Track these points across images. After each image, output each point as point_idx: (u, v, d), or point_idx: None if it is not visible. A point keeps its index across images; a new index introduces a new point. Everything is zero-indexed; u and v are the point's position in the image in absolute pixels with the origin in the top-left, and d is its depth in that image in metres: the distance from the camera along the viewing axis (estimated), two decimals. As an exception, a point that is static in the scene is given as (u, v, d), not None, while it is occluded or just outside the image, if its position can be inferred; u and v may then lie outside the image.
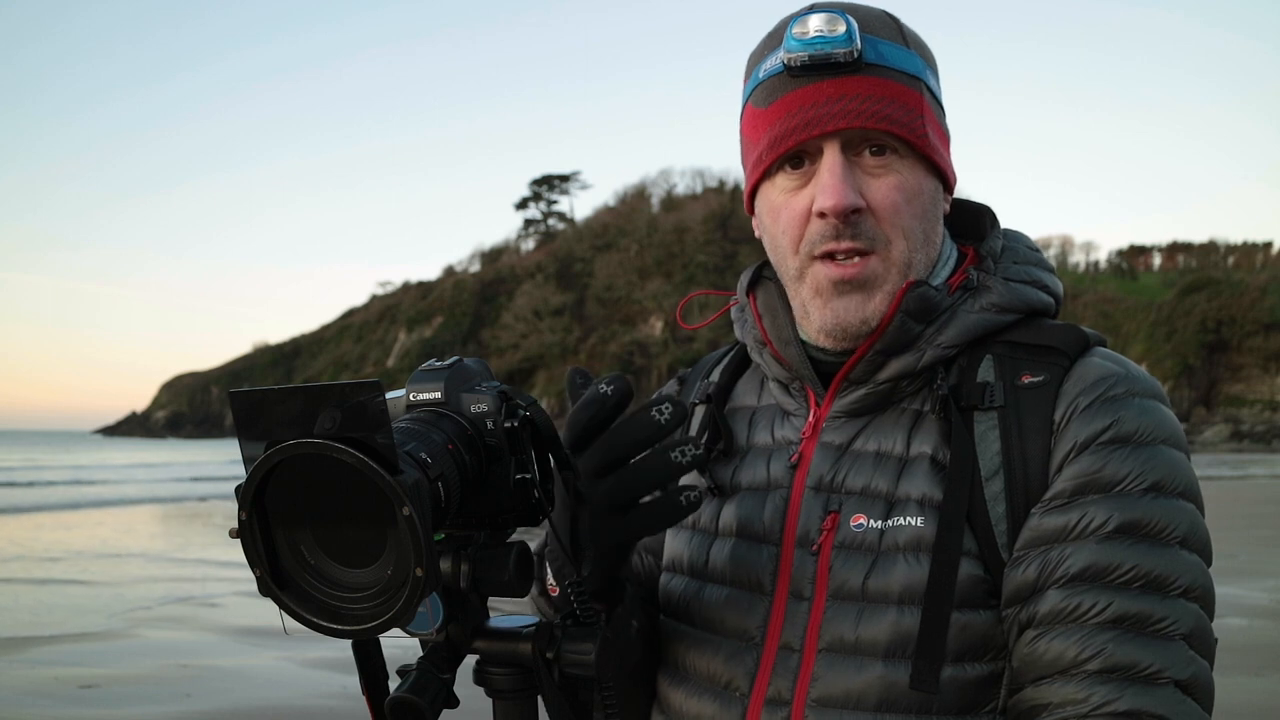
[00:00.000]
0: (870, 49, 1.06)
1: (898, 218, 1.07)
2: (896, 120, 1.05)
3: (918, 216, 1.09)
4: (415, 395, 0.97)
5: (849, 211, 1.05)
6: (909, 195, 1.07)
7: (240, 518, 0.76)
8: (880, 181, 1.07)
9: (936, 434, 1.06)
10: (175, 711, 5.84)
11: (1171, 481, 0.98)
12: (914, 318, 1.08)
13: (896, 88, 1.06)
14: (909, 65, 1.08)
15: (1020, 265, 1.14)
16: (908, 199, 1.07)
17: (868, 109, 1.05)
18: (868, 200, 1.06)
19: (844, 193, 1.04)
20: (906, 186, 1.07)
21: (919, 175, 1.09)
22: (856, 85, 1.05)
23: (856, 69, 1.05)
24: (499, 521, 0.98)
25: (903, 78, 1.07)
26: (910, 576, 1.01)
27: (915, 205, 1.08)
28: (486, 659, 1.00)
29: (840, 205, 1.04)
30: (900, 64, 1.08)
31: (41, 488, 29.05)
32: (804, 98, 1.06)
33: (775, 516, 1.11)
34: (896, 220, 1.07)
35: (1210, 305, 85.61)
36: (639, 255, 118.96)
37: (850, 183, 1.05)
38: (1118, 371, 1.03)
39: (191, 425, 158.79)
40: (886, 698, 1.00)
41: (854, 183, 1.06)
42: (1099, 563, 0.95)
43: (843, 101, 1.05)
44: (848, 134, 1.06)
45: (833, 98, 1.05)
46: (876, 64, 1.06)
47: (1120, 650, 0.93)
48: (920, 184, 1.09)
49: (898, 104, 1.06)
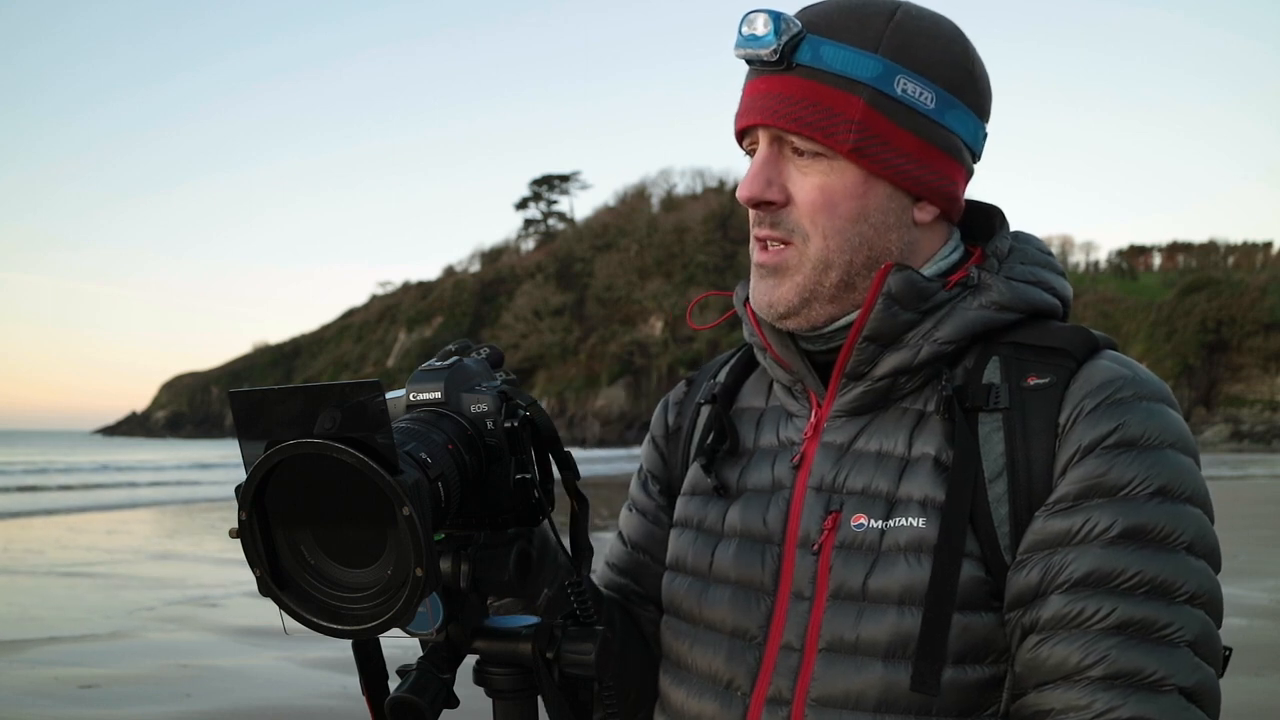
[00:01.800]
0: (807, 50, 1.06)
1: (818, 215, 1.08)
2: (809, 123, 1.05)
3: (849, 219, 1.07)
4: (415, 395, 0.97)
5: (757, 202, 1.09)
6: (833, 198, 1.07)
7: (240, 518, 0.77)
8: (805, 180, 1.08)
9: (940, 435, 1.05)
10: (175, 711, 5.84)
11: (1178, 486, 0.97)
12: (899, 302, 1.07)
13: (823, 90, 1.05)
14: (853, 69, 1.05)
15: (1027, 265, 1.13)
16: (831, 201, 1.07)
17: (782, 109, 1.06)
18: (792, 194, 1.08)
19: (753, 184, 1.09)
20: (831, 189, 1.07)
21: (851, 179, 1.07)
22: (780, 85, 1.07)
23: (786, 69, 1.07)
24: (499, 521, 0.98)
25: (836, 81, 1.05)
26: (911, 577, 1.01)
27: (845, 208, 1.07)
28: (486, 659, 1.00)
29: (747, 195, 1.09)
30: (839, 68, 1.05)
31: (42, 491, 29.05)
32: (748, 90, 1.12)
33: (778, 517, 1.11)
34: (816, 218, 1.08)
35: (1210, 305, 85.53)
36: (639, 255, 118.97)
37: (765, 175, 1.08)
38: (1125, 375, 1.02)
39: (191, 425, 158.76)
40: (886, 698, 1.00)
41: (772, 175, 1.09)
42: (1103, 568, 0.95)
43: (766, 99, 1.08)
44: (772, 129, 1.08)
45: (759, 94, 1.09)
46: (808, 65, 1.06)
47: (1124, 656, 0.92)
48: (852, 188, 1.07)
49: (819, 107, 1.05)
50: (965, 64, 1.11)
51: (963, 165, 1.12)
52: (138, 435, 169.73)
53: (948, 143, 1.09)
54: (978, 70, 1.12)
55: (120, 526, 17.46)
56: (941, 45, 1.09)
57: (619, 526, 1.35)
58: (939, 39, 1.09)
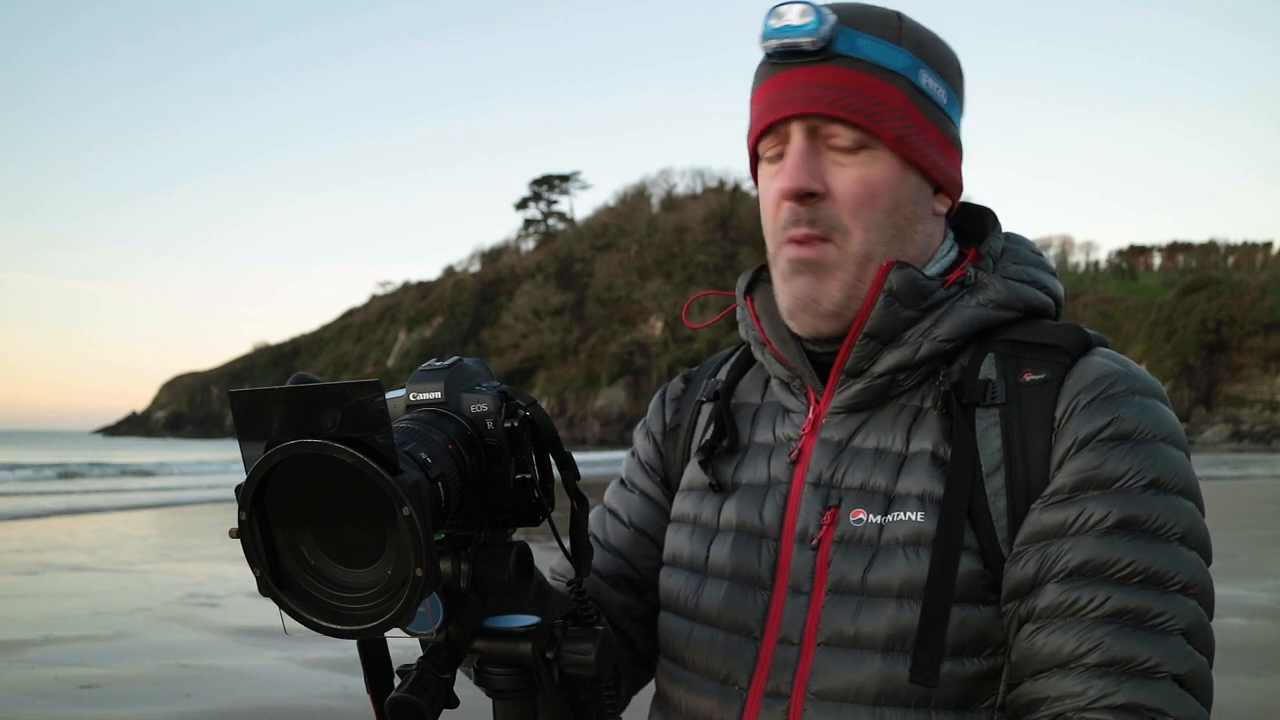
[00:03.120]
0: (845, 40, 1.07)
1: (859, 209, 1.08)
2: (857, 110, 1.06)
3: (885, 210, 1.09)
4: (415, 395, 0.97)
5: (803, 194, 1.07)
6: (874, 188, 1.08)
7: (240, 518, 0.77)
8: (845, 171, 1.08)
9: (937, 430, 1.06)
10: (175, 711, 5.84)
11: (1171, 479, 0.99)
12: (900, 300, 1.08)
13: (865, 79, 1.07)
14: (889, 60, 1.08)
15: (1020, 265, 1.15)
16: (872, 192, 1.08)
17: (828, 96, 1.06)
18: (831, 188, 1.08)
19: (798, 175, 1.07)
20: (872, 179, 1.08)
21: (890, 170, 1.08)
22: (822, 74, 1.07)
23: (826, 58, 1.07)
24: (499, 521, 0.98)
25: (877, 71, 1.07)
26: (910, 571, 1.01)
27: (883, 199, 1.08)
28: (486, 659, 1.00)
29: (793, 187, 1.07)
30: (878, 58, 1.08)
31: (42, 491, 29.06)
32: (776, 84, 1.10)
33: (775, 512, 1.12)
34: (858, 211, 1.08)
35: (1210, 305, 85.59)
36: (639, 255, 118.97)
37: (807, 166, 1.07)
38: (1119, 370, 1.03)
39: (191, 425, 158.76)
40: (885, 691, 1.00)
41: (813, 167, 1.08)
42: (1097, 558, 0.96)
43: (807, 89, 1.07)
44: (814, 120, 1.07)
45: (798, 84, 1.08)
46: (848, 55, 1.07)
47: (1118, 644, 0.93)
48: (891, 179, 1.09)
49: (864, 95, 1.06)
50: (958, 66, 1.16)
51: (962, 158, 1.16)
52: (138, 435, 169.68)
53: (955, 137, 1.14)
54: (963, 75, 1.17)
55: (120, 526, 17.45)
56: (944, 46, 1.15)
57: (609, 504, 1.34)
58: (940, 41, 1.15)
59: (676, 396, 1.34)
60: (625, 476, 1.35)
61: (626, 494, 1.32)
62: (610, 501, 1.34)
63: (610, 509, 1.33)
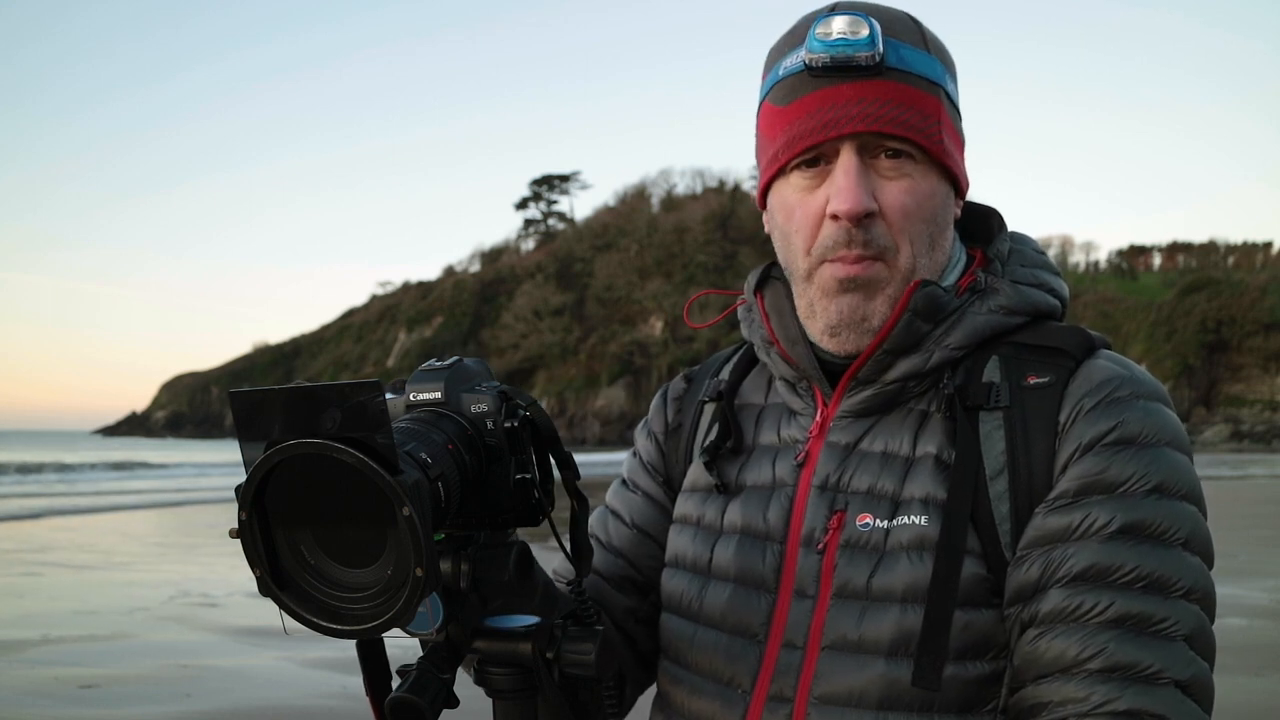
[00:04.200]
0: (892, 53, 1.06)
1: (907, 222, 1.07)
2: (914, 126, 1.06)
3: (926, 221, 1.09)
4: (415, 395, 0.97)
5: (862, 215, 1.06)
6: (920, 200, 1.08)
7: (240, 518, 0.77)
8: (893, 185, 1.07)
9: (941, 434, 1.06)
10: (175, 711, 5.84)
11: (1174, 484, 0.98)
12: (921, 317, 1.08)
13: (916, 93, 1.07)
14: (929, 70, 1.09)
15: (1027, 268, 1.15)
16: (918, 204, 1.08)
17: (886, 113, 1.05)
18: (879, 203, 1.07)
19: (859, 196, 1.05)
20: (918, 191, 1.08)
21: (931, 180, 1.09)
22: (876, 89, 1.05)
23: (878, 73, 1.05)
24: (499, 522, 0.98)
25: (922, 83, 1.08)
26: (914, 575, 1.01)
27: (925, 210, 1.09)
28: (486, 659, 1.00)
29: (855, 209, 1.05)
30: (921, 69, 1.08)
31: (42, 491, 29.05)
32: (824, 99, 1.06)
33: (780, 515, 1.12)
34: (906, 225, 1.07)
35: (1210, 305, 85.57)
36: (639, 255, 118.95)
37: (864, 186, 1.06)
38: (1122, 374, 1.03)
39: (191, 425, 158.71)
40: (888, 695, 1.00)
41: (868, 186, 1.06)
42: (1101, 562, 0.96)
43: (862, 105, 1.05)
44: (864, 137, 1.06)
45: (851, 100, 1.05)
46: (898, 68, 1.06)
47: (1121, 650, 0.93)
48: (932, 189, 1.09)
49: (916, 110, 1.06)
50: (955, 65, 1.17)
51: None
52: (138, 435, 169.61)
53: (964, 139, 1.16)
54: None
55: (120, 526, 17.45)
56: (947, 47, 1.15)
57: (611, 505, 1.33)
58: (942, 42, 1.15)
59: (679, 396, 1.33)
60: (627, 477, 1.34)
61: (628, 494, 1.32)
62: (612, 502, 1.33)
63: (612, 510, 1.32)
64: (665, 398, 1.34)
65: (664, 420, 1.33)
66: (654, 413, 1.35)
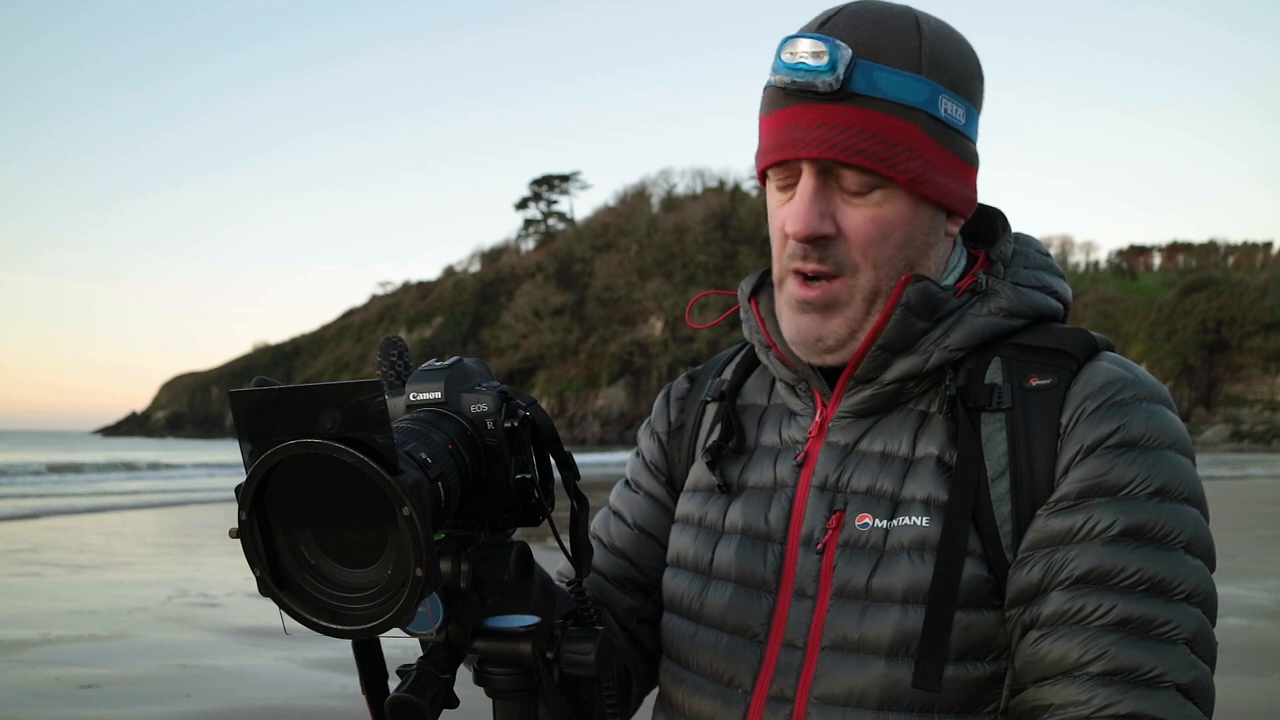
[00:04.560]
0: (861, 78, 1.03)
1: (869, 248, 1.06)
2: (872, 154, 1.03)
3: (896, 246, 1.07)
4: (415, 395, 0.97)
5: (813, 238, 1.06)
6: (886, 228, 1.06)
7: (240, 518, 0.77)
8: (857, 212, 1.06)
9: (943, 435, 1.06)
10: (175, 711, 5.84)
11: (1177, 487, 0.98)
12: (915, 313, 1.07)
13: (881, 119, 1.03)
14: (907, 95, 1.04)
15: (1030, 270, 1.14)
16: (884, 231, 1.06)
17: (842, 141, 1.03)
18: (842, 227, 1.06)
19: (808, 221, 1.05)
20: (884, 219, 1.06)
21: (903, 207, 1.06)
22: (837, 115, 1.03)
23: (841, 98, 1.03)
24: (499, 522, 0.98)
25: (894, 109, 1.03)
26: (914, 576, 1.01)
27: (895, 237, 1.07)
28: (486, 659, 1.00)
29: (802, 233, 1.06)
30: (895, 94, 1.03)
31: (42, 491, 29.05)
32: (788, 118, 1.06)
33: (780, 516, 1.12)
34: (868, 250, 1.06)
35: (1210, 305, 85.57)
36: (639, 255, 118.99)
37: (817, 210, 1.05)
38: (1125, 376, 1.03)
39: (191, 425, 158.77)
40: (889, 696, 1.00)
41: (824, 209, 1.06)
42: (1103, 565, 0.96)
43: (820, 130, 1.03)
44: (823, 162, 1.05)
45: (811, 124, 1.04)
46: (864, 94, 1.03)
47: (1123, 653, 0.93)
48: (903, 216, 1.07)
49: (878, 137, 1.03)
50: (979, 74, 1.12)
51: (977, 171, 1.14)
52: (138, 435, 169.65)
53: (971, 154, 1.12)
54: (982, 72, 1.14)
55: (120, 526, 17.45)
56: (964, 58, 1.10)
57: (614, 506, 1.33)
58: (961, 51, 1.10)
59: (681, 396, 1.33)
60: (630, 477, 1.34)
61: (630, 495, 1.32)
62: (614, 503, 1.33)
63: (614, 510, 1.32)
64: (668, 398, 1.34)
65: (667, 420, 1.33)
66: (657, 413, 1.35)
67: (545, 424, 0.99)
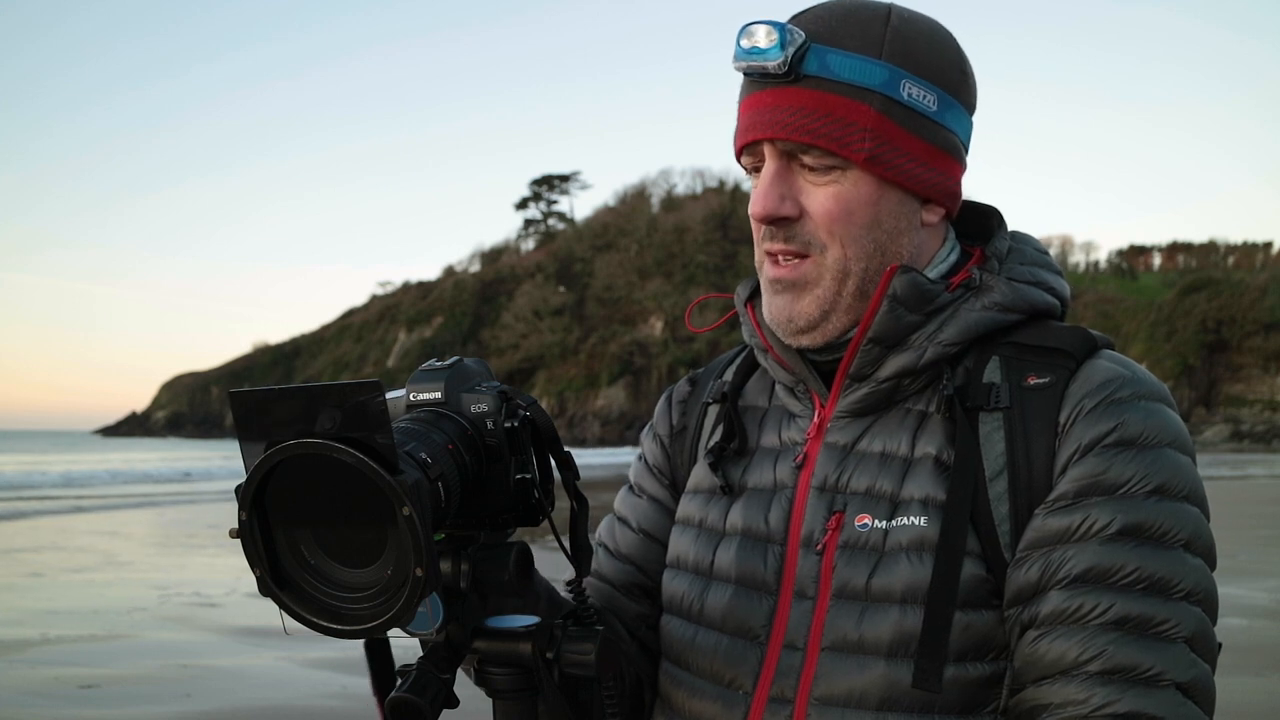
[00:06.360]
0: (814, 60, 1.05)
1: (834, 225, 1.07)
2: (824, 134, 1.04)
3: (864, 227, 1.07)
4: (415, 395, 0.97)
5: (773, 219, 1.07)
6: (849, 207, 1.07)
7: (240, 518, 0.77)
8: (820, 191, 1.07)
9: (941, 434, 1.06)
10: (175, 711, 5.84)
11: (1176, 485, 0.98)
12: (904, 305, 1.07)
13: (834, 100, 1.04)
14: (861, 77, 1.05)
15: (1026, 266, 1.14)
16: (847, 210, 1.07)
17: (794, 122, 1.05)
18: (806, 208, 1.08)
19: (767, 202, 1.07)
20: (846, 197, 1.07)
21: (865, 188, 1.07)
22: (790, 97, 1.05)
23: (793, 80, 1.05)
24: (499, 522, 0.98)
25: (847, 90, 1.05)
26: (913, 576, 1.01)
27: (860, 216, 1.07)
28: (486, 659, 1.00)
29: (762, 212, 1.08)
30: (848, 76, 1.05)
31: (42, 491, 29.05)
32: (751, 103, 1.09)
33: (780, 517, 1.12)
34: (833, 228, 1.07)
35: (1210, 305, 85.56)
36: (639, 255, 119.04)
37: (777, 192, 1.07)
38: (1123, 374, 1.03)
39: (191, 425, 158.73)
40: (889, 697, 1.00)
41: (785, 191, 1.07)
42: (1102, 564, 0.95)
43: (774, 112, 1.06)
44: (784, 143, 1.07)
45: (767, 107, 1.07)
46: (817, 76, 1.05)
47: (1122, 652, 0.93)
48: (867, 196, 1.07)
49: (831, 117, 1.04)
50: (959, 64, 1.12)
51: (961, 163, 1.14)
52: (138, 435, 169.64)
53: (949, 143, 1.11)
54: (968, 68, 1.14)
55: (120, 526, 17.44)
56: (938, 47, 1.10)
57: (618, 512, 1.33)
58: (935, 41, 1.10)
59: (683, 399, 1.33)
60: (633, 482, 1.34)
61: (634, 500, 1.32)
62: (619, 509, 1.33)
63: (619, 516, 1.32)
64: (670, 400, 1.34)
65: (669, 422, 1.33)
66: (659, 415, 1.35)
67: (545, 424, 0.99)
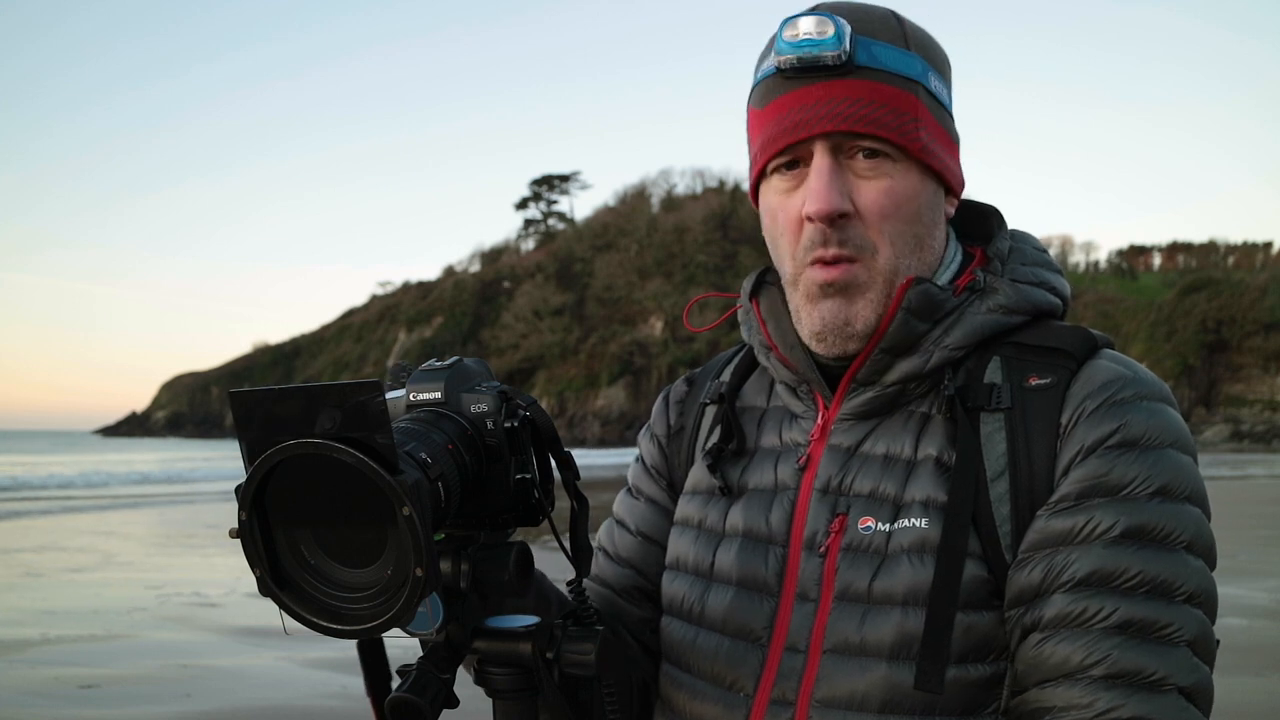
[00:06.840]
0: (863, 51, 1.05)
1: (885, 223, 1.06)
2: (884, 124, 1.04)
3: (908, 221, 1.07)
4: (415, 395, 0.97)
5: (835, 216, 1.05)
6: (899, 200, 1.06)
7: (240, 518, 0.77)
8: (870, 185, 1.06)
9: (942, 435, 1.06)
10: (175, 711, 5.84)
11: (1178, 486, 0.98)
12: (917, 315, 1.07)
13: (889, 90, 1.05)
14: (905, 67, 1.07)
15: (1028, 266, 1.14)
16: (897, 204, 1.06)
17: (855, 112, 1.04)
18: (856, 204, 1.06)
19: (830, 197, 1.04)
20: (897, 191, 1.06)
21: (912, 179, 1.07)
22: (845, 88, 1.04)
23: (846, 71, 1.04)
24: (499, 522, 0.98)
25: (896, 80, 1.06)
26: (915, 578, 1.01)
27: (906, 210, 1.07)
28: (486, 659, 0.99)
29: (826, 209, 1.04)
30: (895, 66, 1.06)
31: (43, 491, 29.04)
32: (794, 100, 1.06)
33: (782, 519, 1.11)
34: (884, 225, 1.06)
35: (1210, 305, 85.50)
36: (639, 255, 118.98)
37: (837, 186, 1.05)
38: (1125, 374, 1.02)
39: (191, 425, 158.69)
40: (890, 699, 1.00)
41: (842, 186, 1.05)
42: (1105, 567, 0.95)
43: (830, 104, 1.04)
44: (836, 137, 1.05)
45: (820, 100, 1.05)
46: (868, 66, 1.05)
47: (1126, 656, 0.93)
48: (913, 188, 1.07)
49: (889, 108, 1.05)
50: (949, 63, 1.16)
51: None
52: (138, 435, 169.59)
53: (957, 135, 1.14)
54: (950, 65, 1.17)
55: (120, 527, 17.44)
56: (938, 44, 1.14)
57: (616, 515, 1.33)
58: (934, 38, 1.14)
59: (680, 399, 1.32)
60: (632, 484, 1.34)
61: (633, 502, 1.31)
62: (618, 512, 1.33)
63: (618, 519, 1.32)
64: (667, 401, 1.34)
65: (666, 423, 1.32)
66: (656, 416, 1.35)
67: (545, 424, 0.99)
